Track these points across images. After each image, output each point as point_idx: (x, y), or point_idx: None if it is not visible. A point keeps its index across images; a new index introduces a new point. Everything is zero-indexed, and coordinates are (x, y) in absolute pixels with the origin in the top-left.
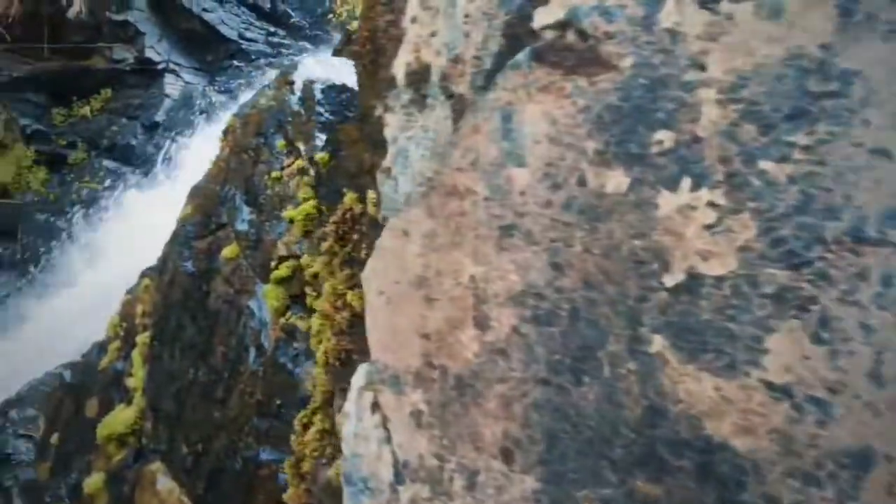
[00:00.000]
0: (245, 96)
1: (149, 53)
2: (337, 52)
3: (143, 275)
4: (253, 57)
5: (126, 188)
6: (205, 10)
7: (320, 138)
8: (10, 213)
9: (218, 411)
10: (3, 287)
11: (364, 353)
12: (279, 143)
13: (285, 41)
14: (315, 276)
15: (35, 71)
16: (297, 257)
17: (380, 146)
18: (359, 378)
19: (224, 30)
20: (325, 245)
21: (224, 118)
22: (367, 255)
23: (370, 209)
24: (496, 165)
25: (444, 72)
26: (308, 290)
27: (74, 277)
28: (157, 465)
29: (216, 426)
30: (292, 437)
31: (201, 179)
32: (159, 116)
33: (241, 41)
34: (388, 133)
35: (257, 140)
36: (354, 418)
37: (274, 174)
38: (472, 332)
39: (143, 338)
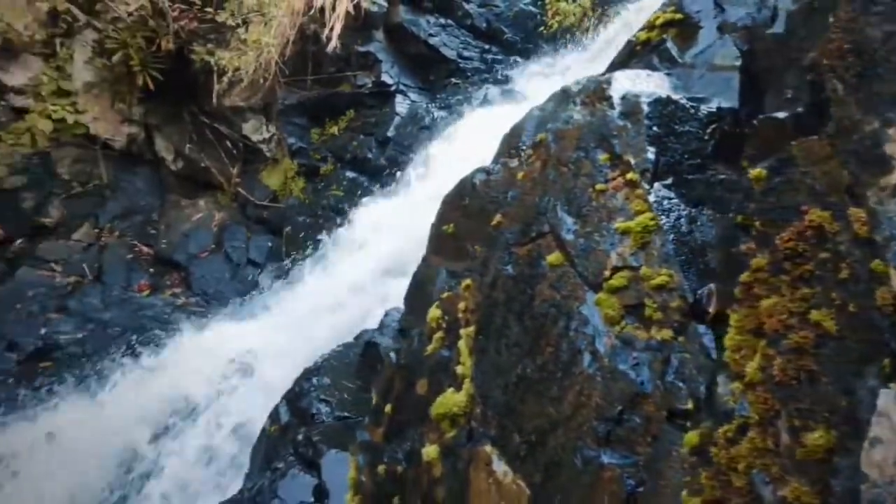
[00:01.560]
0: (466, 111)
1: (384, 77)
2: (617, 66)
3: (462, 276)
4: (469, 74)
5: (364, 195)
6: (430, 34)
7: (651, 151)
8: (278, 214)
9: (552, 408)
10: (277, 274)
11: (831, 376)
12: (601, 156)
13: (498, 57)
14: (658, 287)
15: (300, 98)
16: (634, 268)
17: (872, 163)
18: (891, 403)
19: (445, 51)
20: (757, 261)
21: (445, 133)
22: (850, 276)
23: (857, 228)
24: None
25: None
26: (648, 301)
27: (327, 269)
28: (489, 448)
29: (551, 422)
30: (713, 450)
31: (461, 186)
32: (390, 132)
33: (459, 60)
34: (894, 149)
35: (577, 154)
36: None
37: (598, 187)
38: None
39: (467, 331)
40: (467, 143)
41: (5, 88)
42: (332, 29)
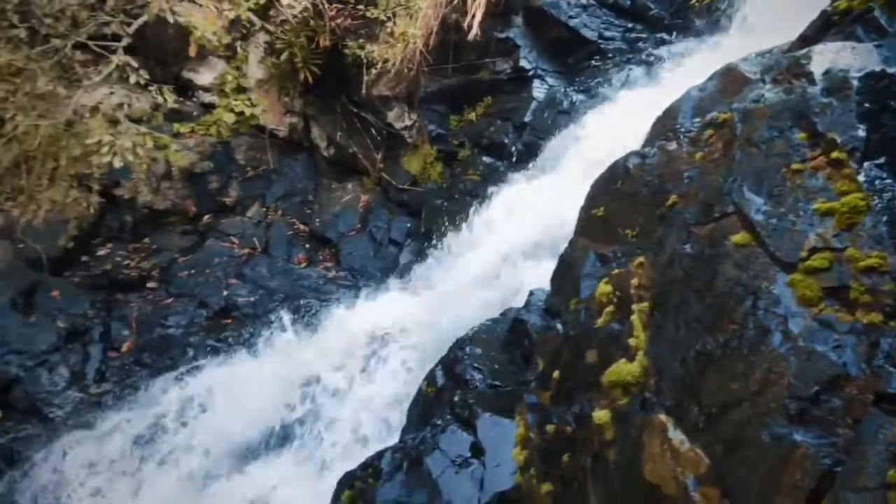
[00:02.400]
0: (606, 94)
1: (521, 63)
2: (810, 39)
3: (632, 254)
4: (610, 55)
5: (500, 180)
6: (570, 16)
7: (861, 129)
8: (418, 197)
9: (736, 384)
10: (416, 253)
11: None
12: (798, 135)
13: (642, 35)
14: (867, 270)
15: (441, 86)
16: (837, 250)
17: None
18: None
19: (586, 32)
20: None
21: (584, 117)
22: None
23: None
24: None
25: None
26: (853, 283)
27: (464, 251)
28: (665, 417)
29: (734, 397)
30: None
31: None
32: (527, 118)
33: (599, 41)
34: None
35: (769, 133)
36: None
37: (794, 166)
38: None
39: (640, 307)
40: (608, 126)
41: (196, 87)
42: (472, 17)
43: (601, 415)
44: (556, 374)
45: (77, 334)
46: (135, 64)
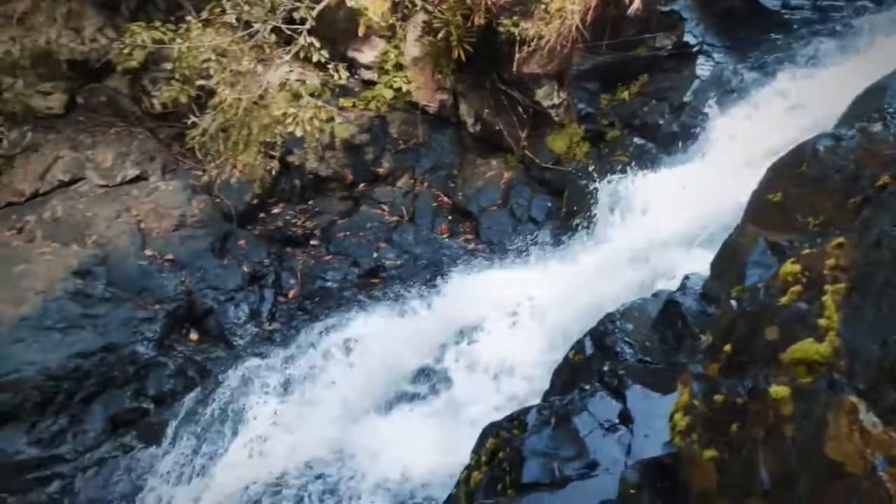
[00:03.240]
0: (785, 71)
1: (686, 38)
2: None
3: (828, 235)
4: (794, 27)
5: (651, 162)
6: None
7: None
8: (561, 177)
9: None
10: (555, 232)
11: None
12: None
13: (838, 3)
14: None
15: (595, 64)
16: None
17: None
18: None
19: (766, 2)
20: None
21: (757, 98)
22: None
23: None
24: None
25: None
26: None
27: (607, 232)
28: (856, 399)
29: None
30: None
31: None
32: (687, 97)
33: (783, 11)
34: None
35: None
36: None
37: None
38: None
39: (835, 288)
40: (786, 106)
41: (359, 65)
42: None
43: (779, 390)
44: (726, 347)
45: (256, 279)
46: (318, 44)
